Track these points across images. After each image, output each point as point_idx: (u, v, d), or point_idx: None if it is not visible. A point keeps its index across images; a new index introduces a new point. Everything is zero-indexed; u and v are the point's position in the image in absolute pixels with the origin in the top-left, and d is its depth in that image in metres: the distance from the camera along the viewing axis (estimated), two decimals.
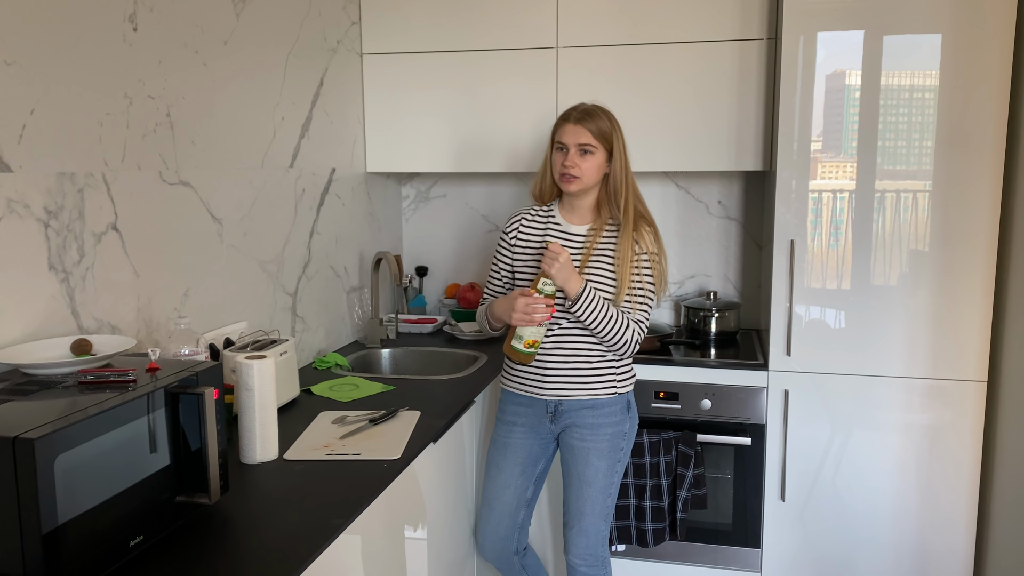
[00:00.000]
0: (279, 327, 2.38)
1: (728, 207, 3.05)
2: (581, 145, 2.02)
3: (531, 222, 2.18)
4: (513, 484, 2.20)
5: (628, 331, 2.03)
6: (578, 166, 2.03)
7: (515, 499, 2.21)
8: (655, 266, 2.08)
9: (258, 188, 2.25)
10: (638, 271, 2.06)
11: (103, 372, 1.32)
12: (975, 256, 2.34)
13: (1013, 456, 2.25)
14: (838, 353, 2.47)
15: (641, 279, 2.06)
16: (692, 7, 2.63)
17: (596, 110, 2.06)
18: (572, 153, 2.03)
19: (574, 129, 2.03)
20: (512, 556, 2.26)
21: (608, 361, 2.11)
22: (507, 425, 2.20)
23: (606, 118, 2.06)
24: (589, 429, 2.11)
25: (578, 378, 2.09)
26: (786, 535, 2.58)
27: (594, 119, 2.03)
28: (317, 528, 1.40)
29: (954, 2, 2.26)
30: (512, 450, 2.19)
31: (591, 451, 2.11)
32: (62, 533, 1.09)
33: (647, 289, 2.08)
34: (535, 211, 2.20)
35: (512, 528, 2.23)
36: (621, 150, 2.06)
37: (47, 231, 1.54)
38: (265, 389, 1.68)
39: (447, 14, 2.82)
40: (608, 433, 2.11)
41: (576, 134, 2.03)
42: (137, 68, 1.76)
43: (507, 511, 2.22)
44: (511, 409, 2.20)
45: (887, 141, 2.37)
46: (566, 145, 2.04)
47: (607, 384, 2.10)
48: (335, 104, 2.70)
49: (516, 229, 2.18)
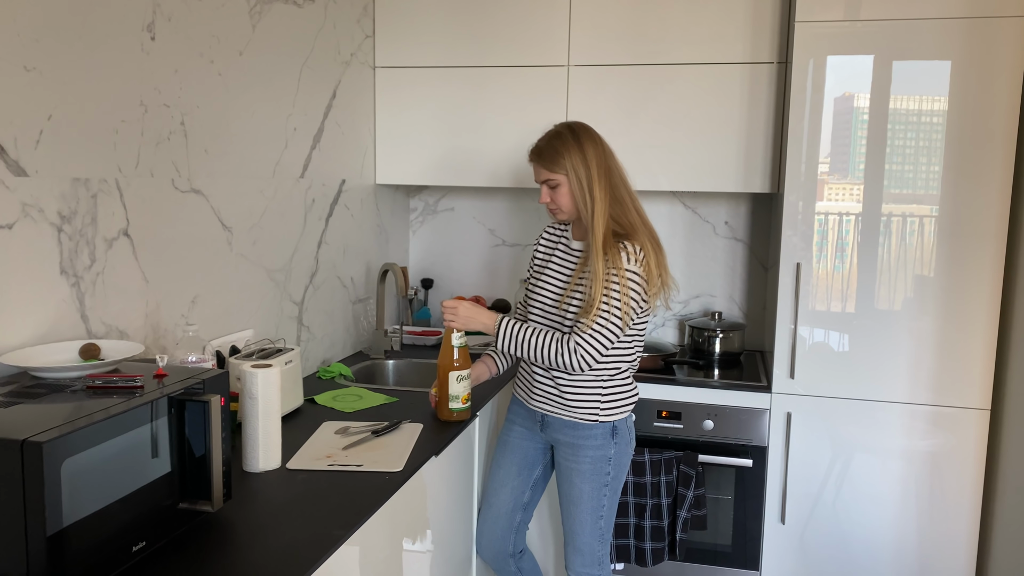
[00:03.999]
0: (285, 336, 2.39)
1: (735, 228, 3.06)
2: (543, 182, 2.05)
3: (548, 238, 2.23)
4: (510, 484, 2.22)
5: (559, 354, 1.95)
6: (552, 201, 2.06)
7: (511, 499, 2.23)
8: (622, 283, 1.94)
9: (268, 197, 2.27)
10: (606, 288, 1.95)
11: (111, 377, 1.33)
12: (980, 283, 2.35)
13: (1015, 485, 2.24)
14: (841, 377, 2.47)
15: (608, 296, 1.95)
16: (704, 30, 2.66)
17: (550, 141, 2.02)
18: (543, 191, 2.07)
19: (534, 168, 2.08)
20: (508, 557, 2.28)
21: (591, 384, 2.06)
22: (509, 423, 2.25)
23: (559, 143, 2.00)
24: (571, 449, 2.09)
25: (559, 395, 2.09)
26: (785, 558, 2.57)
27: (545, 154, 2.02)
28: (318, 539, 1.40)
29: (965, 31, 2.28)
30: (510, 448, 2.23)
31: (573, 472, 2.10)
32: (66, 536, 1.10)
33: (610, 307, 1.95)
34: (556, 226, 2.23)
35: (508, 529, 2.25)
36: (578, 171, 1.98)
37: (60, 236, 1.55)
38: (269, 398, 1.69)
39: (460, 30, 2.85)
40: (589, 456, 2.07)
41: (536, 173, 2.07)
42: (154, 77, 1.78)
43: (504, 511, 2.24)
44: (514, 409, 2.25)
45: (894, 165, 2.37)
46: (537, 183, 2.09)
47: (588, 409, 2.06)
48: (347, 116, 2.72)
49: (537, 243, 2.25)
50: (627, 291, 1.95)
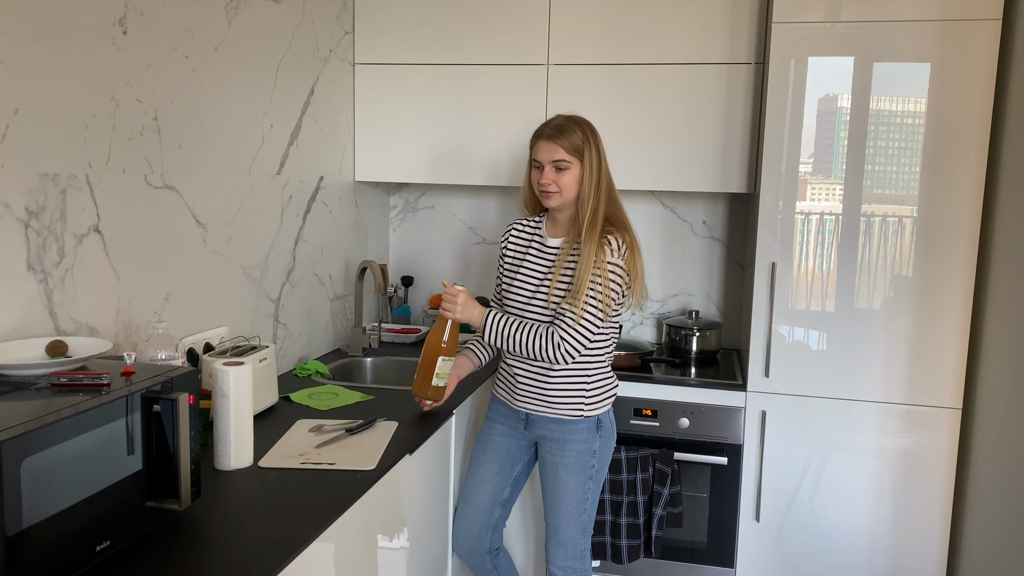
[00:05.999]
0: (261, 333, 2.38)
1: (713, 227, 3.07)
2: (555, 162, 2.02)
3: (519, 234, 2.21)
4: (490, 481, 2.22)
5: (543, 349, 1.99)
6: (555, 182, 2.02)
7: (491, 497, 2.23)
8: (603, 275, 1.98)
9: (244, 194, 2.26)
10: (591, 281, 1.98)
11: (77, 375, 1.31)
12: (954, 284, 2.37)
13: (985, 482, 2.26)
14: (817, 376, 2.49)
15: (592, 288, 1.98)
16: (682, 30, 2.66)
17: (569, 124, 2.03)
18: (547, 170, 2.03)
19: (547, 146, 2.02)
20: (484, 554, 2.28)
21: (576, 380, 2.09)
22: (490, 422, 2.25)
23: (579, 130, 2.03)
24: (557, 444, 2.12)
25: (544, 393, 2.10)
26: (760, 555, 2.58)
27: (566, 134, 2.01)
28: (287, 537, 1.40)
29: (942, 34, 2.29)
30: (492, 447, 2.22)
31: (559, 465, 2.12)
32: (26, 537, 1.09)
33: (591, 300, 1.98)
34: (526, 223, 2.22)
35: (486, 526, 2.25)
36: (593, 161, 2.02)
37: (27, 231, 1.53)
38: (241, 396, 1.68)
39: (440, 27, 2.84)
40: (575, 450, 2.11)
41: (550, 151, 2.02)
42: (125, 71, 1.76)
43: (483, 508, 2.24)
44: (495, 408, 2.24)
45: (876, 165, 2.39)
46: (541, 163, 2.04)
47: (574, 405, 2.09)
48: (325, 113, 2.71)
49: (507, 240, 2.23)
50: (608, 283, 1.99)
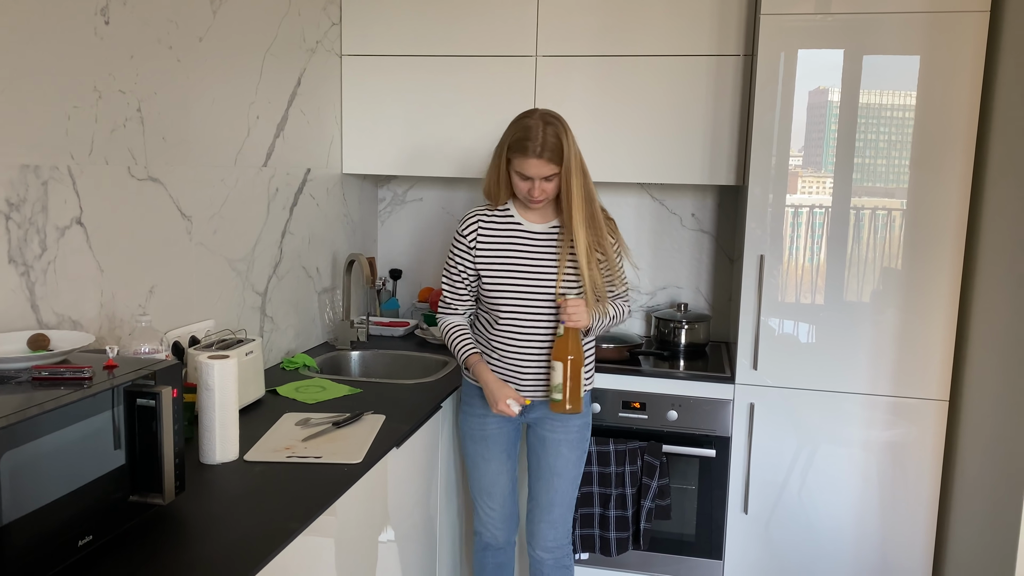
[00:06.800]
0: (247, 326, 2.36)
1: (702, 220, 3.07)
2: (546, 177, 2.01)
3: (489, 223, 2.15)
4: (505, 470, 2.26)
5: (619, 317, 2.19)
6: (545, 192, 2.03)
7: (511, 482, 2.28)
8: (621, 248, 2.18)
9: (230, 186, 2.24)
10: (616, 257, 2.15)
11: (58, 368, 1.30)
12: (941, 277, 2.38)
13: (971, 474, 2.28)
14: (806, 368, 2.49)
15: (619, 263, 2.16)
16: (670, 22, 2.65)
17: (551, 136, 1.98)
18: (539, 185, 2.01)
19: (539, 164, 1.98)
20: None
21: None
22: (479, 418, 2.22)
23: (558, 136, 1.99)
24: (560, 421, 2.17)
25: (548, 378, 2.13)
26: (748, 547, 2.59)
27: (552, 149, 1.98)
28: (272, 531, 1.39)
29: (930, 26, 2.29)
30: (493, 440, 2.23)
31: (562, 442, 2.17)
32: (7, 533, 1.08)
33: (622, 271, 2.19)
34: (491, 212, 2.16)
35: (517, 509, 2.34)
36: (572, 161, 2.01)
37: (8, 223, 1.52)
38: (226, 389, 1.67)
39: (428, 19, 2.82)
40: (577, 424, 2.19)
41: (541, 169, 1.98)
42: (108, 62, 1.74)
43: (509, 495, 2.28)
44: (481, 403, 2.20)
45: (866, 158, 2.39)
46: (531, 177, 2.01)
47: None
48: (312, 104, 2.69)
49: (475, 232, 2.14)
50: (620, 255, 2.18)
